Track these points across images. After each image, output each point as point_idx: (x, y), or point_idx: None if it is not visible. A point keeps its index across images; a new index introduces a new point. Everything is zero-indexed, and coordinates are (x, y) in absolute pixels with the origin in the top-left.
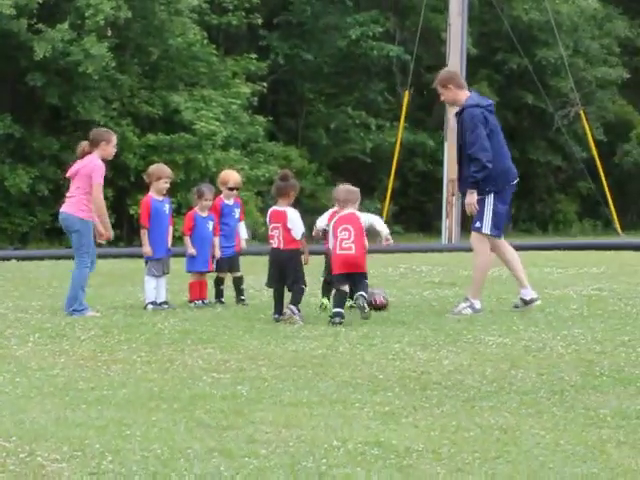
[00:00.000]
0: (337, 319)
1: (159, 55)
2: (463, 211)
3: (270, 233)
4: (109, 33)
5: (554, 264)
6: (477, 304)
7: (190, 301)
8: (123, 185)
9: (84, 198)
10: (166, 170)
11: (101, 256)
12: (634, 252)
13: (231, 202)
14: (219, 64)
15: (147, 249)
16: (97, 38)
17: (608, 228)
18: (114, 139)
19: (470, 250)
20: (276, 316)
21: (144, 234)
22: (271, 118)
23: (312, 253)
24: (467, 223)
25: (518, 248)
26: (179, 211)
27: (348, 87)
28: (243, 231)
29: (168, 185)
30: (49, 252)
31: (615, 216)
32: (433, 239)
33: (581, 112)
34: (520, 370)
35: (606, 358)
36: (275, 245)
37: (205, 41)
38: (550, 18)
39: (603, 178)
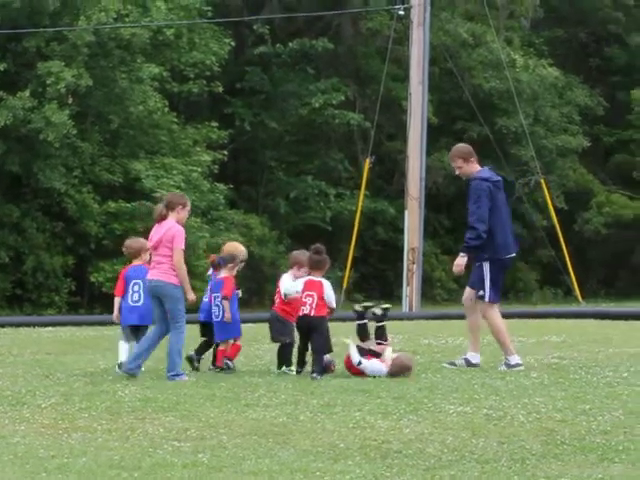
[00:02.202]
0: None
1: (120, 123)
2: (423, 280)
3: (303, 300)
4: (70, 101)
5: (515, 332)
6: (514, 359)
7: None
8: (84, 252)
9: (173, 265)
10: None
11: (62, 323)
12: (595, 320)
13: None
14: (180, 132)
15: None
16: (58, 106)
17: (569, 296)
18: (189, 204)
19: (430, 318)
20: (299, 369)
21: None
22: (232, 186)
23: None
24: (427, 291)
25: None
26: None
27: (309, 155)
28: None
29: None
30: (9, 319)
31: (576, 284)
32: (394, 307)
33: (542, 181)
34: (481, 439)
35: (567, 426)
36: (306, 312)
37: (166, 109)
38: (510, 87)
39: (564, 246)
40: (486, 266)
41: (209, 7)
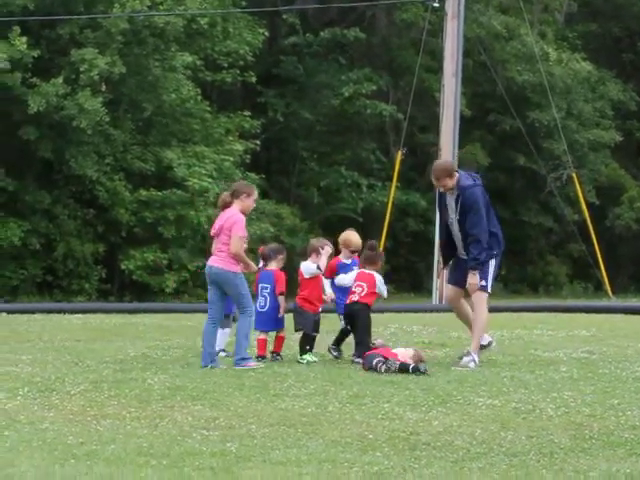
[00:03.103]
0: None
1: (153, 111)
2: None
3: (353, 289)
4: (103, 88)
5: (544, 326)
6: (477, 358)
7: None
8: (114, 240)
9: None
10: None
11: (91, 311)
12: (624, 315)
13: (349, 261)
14: (212, 121)
15: None
16: (91, 93)
17: (599, 291)
18: (255, 193)
19: None
20: (333, 347)
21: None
22: (263, 176)
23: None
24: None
25: (508, 309)
26: (170, 267)
27: (341, 146)
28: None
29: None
30: (40, 305)
31: (606, 279)
32: (424, 299)
33: (573, 175)
34: (509, 432)
35: (596, 421)
36: (354, 299)
37: (199, 98)
38: (544, 80)
39: (595, 241)
40: (493, 260)
41: None
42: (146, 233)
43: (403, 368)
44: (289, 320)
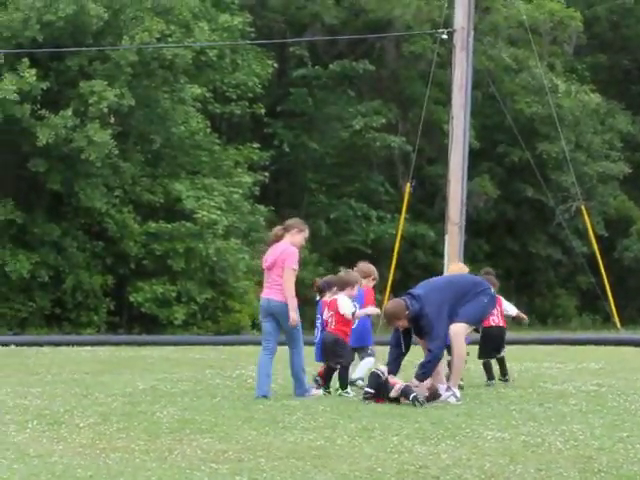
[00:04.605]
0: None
1: (162, 143)
2: None
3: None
4: (112, 120)
5: (553, 359)
6: (458, 393)
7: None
8: (123, 272)
9: None
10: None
11: (100, 343)
12: (633, 348)
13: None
14: (221, 153)
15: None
16: (100, 125)
17: (607, 323)
18: (307, 231)
19: (469, 343)
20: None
21: None
22: (272, 208)
23: None
24: None
25: (517, 342)
26: (179, 299)
27: (349, 178)
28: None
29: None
30: (48, 338)
31: (615, 311)
32: None
33: (582, 207)
34: (519, 465)
35: (605, 454)
36: (496, 322)
37: (208, 130)
38: (552, 112)
39: (603, 273)
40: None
41: (252, 29)
42: (155, 265)
43: (405, 393)
44: None
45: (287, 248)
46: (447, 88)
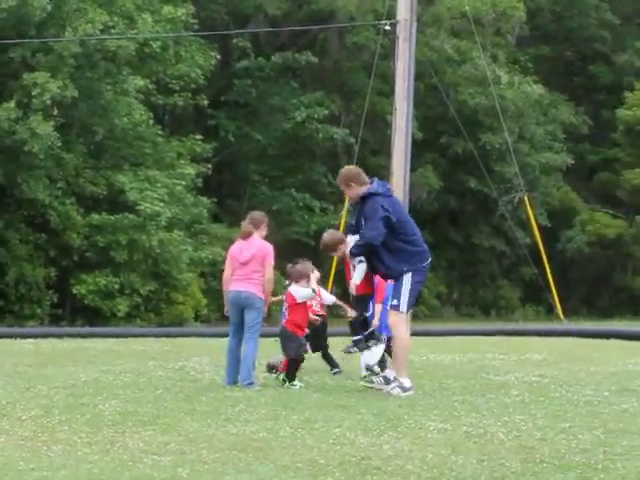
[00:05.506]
0: None
1: (104, 135)
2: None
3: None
4: (55, 112)
5: (496, 350)
6: (406, 382)
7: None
8: (67, 264)
9: (262, 280)
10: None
11: (43, 335)
12: (576, 338)
13: None
14: (164, 145)
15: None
16: (43, 117)
17: (550, 314)
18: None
19: (411, 334)
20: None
21: None
22: (215, 199)
23: None
24: None
25: (460, 333)
26: (122, 291)
27: (292, 169)
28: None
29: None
30: None
31: (557, 302)
32: None
33: (525, 198)
34: (461, 456)
35: (547, 445)
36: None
37: (151, 121)
38: (495, 103)
39: (546, 264)
40: (406, 276)
41: (195, 20)
42: (98, 257)
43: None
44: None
45: (264, 245)
46: (390, 79)
